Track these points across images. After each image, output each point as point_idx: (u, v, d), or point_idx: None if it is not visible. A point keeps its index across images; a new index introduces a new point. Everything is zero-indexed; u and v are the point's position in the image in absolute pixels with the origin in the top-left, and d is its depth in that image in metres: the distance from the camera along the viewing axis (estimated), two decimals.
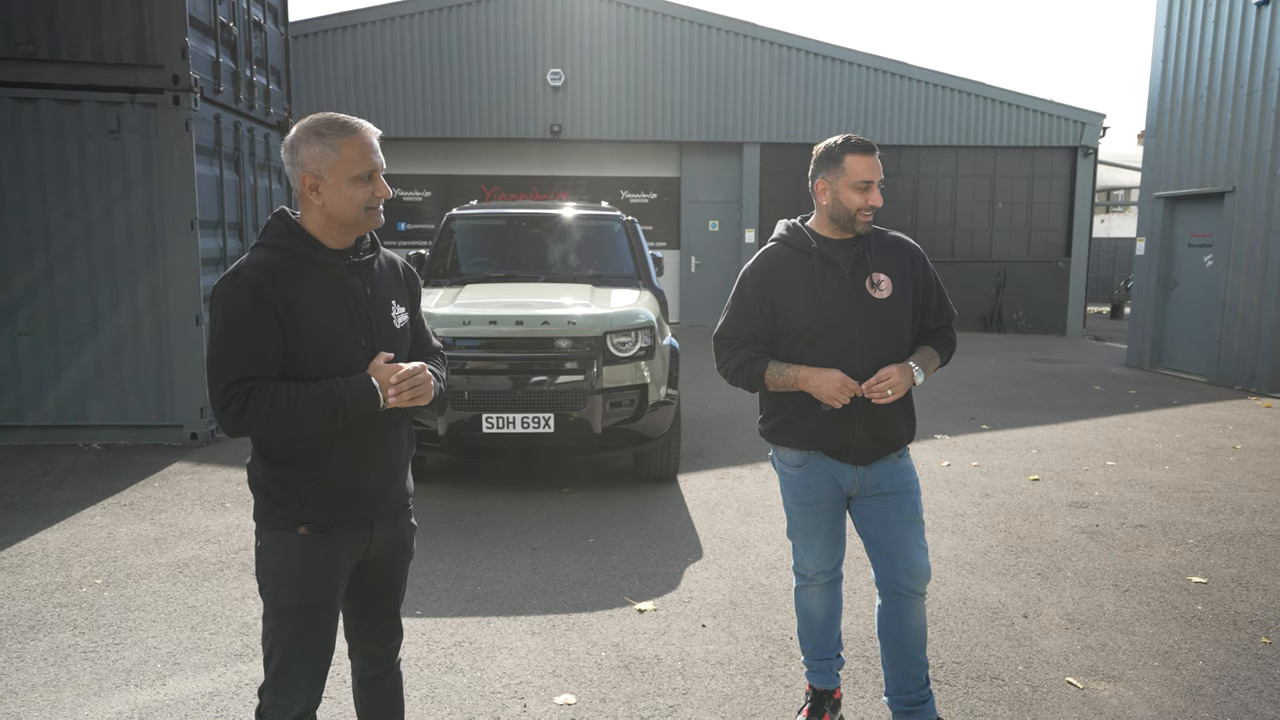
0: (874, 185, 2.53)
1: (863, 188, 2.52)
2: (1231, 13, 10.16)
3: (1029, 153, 15.98)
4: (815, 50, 15.28)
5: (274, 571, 1.93)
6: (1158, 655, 3.39)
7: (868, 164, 2.53)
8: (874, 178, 2.53)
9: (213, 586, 4.01)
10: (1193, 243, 11.01)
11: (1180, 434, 7.40)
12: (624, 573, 4.24)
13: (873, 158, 2.55)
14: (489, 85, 14.96)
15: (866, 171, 2.52)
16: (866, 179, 2.52)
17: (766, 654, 3.39)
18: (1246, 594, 4.00)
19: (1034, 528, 4.92)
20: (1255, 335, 9.76)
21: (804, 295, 2.60)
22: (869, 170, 2.52)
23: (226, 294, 1.84)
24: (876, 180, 2.54)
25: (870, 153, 2.55)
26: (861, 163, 2.52)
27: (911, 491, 2.65)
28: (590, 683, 3.15)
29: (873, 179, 2.53)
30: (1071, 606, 3.85)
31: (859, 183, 2.52)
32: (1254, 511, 5.24)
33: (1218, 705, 3.02)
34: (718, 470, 6.20)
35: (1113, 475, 6.04)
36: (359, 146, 1.89)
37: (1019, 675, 3.22)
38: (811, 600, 2.81)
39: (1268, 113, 9.61)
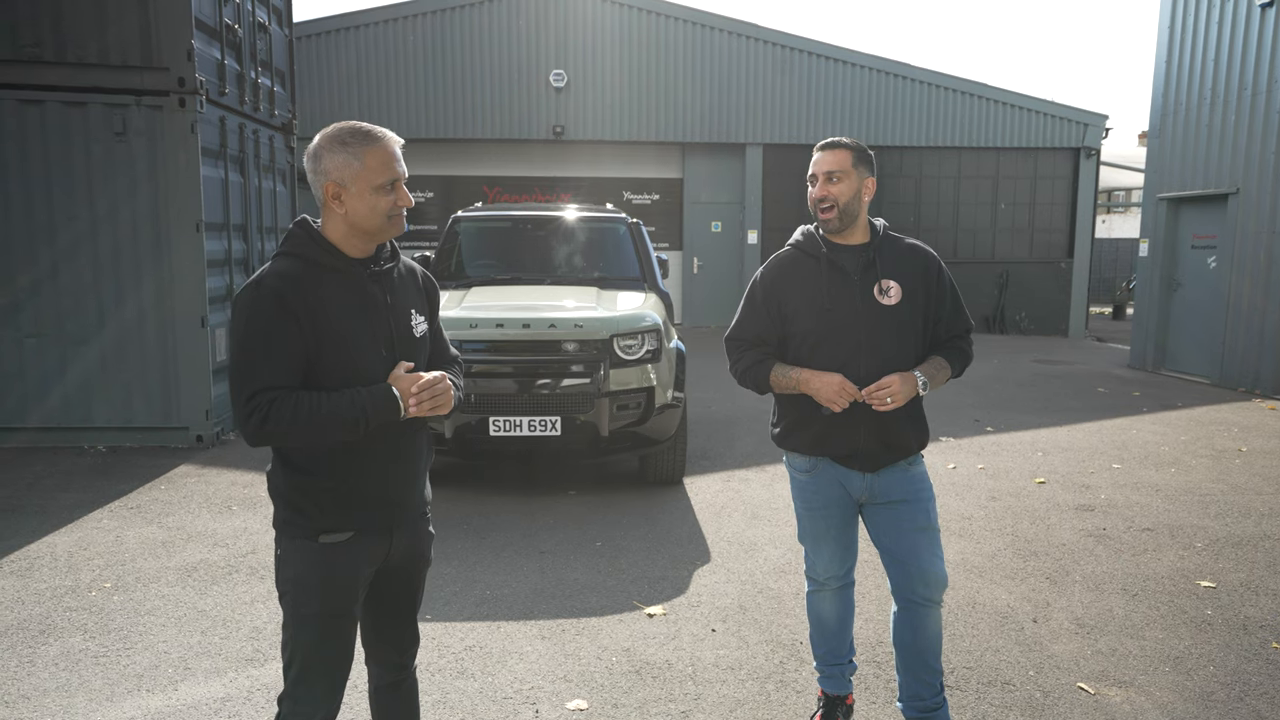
0: (820, 177, 2.53)
1: (811, 181, 2.55)
2: (1235, 14, 10.16)
3: (1031, 154, 15.97)
4: (818, 51, 15.28)
5: (294, 580, 1.93)
6: (1168, 660, 3.39)
7: (819, 158, 2.55)
8: (819, 170, 2.53)
9: (222, 590, 4.01)
10: (1196, 244, 11.01)
11: (1185, 436, 7.40)
12: (632, 576, 4.24)
13: (829, 152, 2.55)
14: (492, 86, 14.96)
15: (814, 165, 2.55)
16: (812, 172, 2.55)
17: (777, 659, 3.39)
18: (1256, 599, 4.00)
19: (1041, 531, 4.92)
20: (1259, 337, 9.76)
21: (809, 299, 2.61)
22: (817, 164, 2.55)
23: (249, 303, 1.84)
24: (823, 172, 2.53)
25: (828, 148, 2.55)
26: (815, 157, 2.56)
27: (924, 499, 2.65)
28: (602, 688, 3.15)
29: (817, 171, 2.54)
30: (1081, 611, 3.85)
31: (810, 176, 2.56)
32: (1261, 515, 5.24)
33: (1230, 711, 3.02)
34: (724, 473, 6.20)
35: (1119, 478, 6.04)
36: (382, 156, 1.89)
37: (1030, 680, 3.22)
38: (823, 605, 2.81)
39: (1271, 114, 9.61)
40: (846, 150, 2.54)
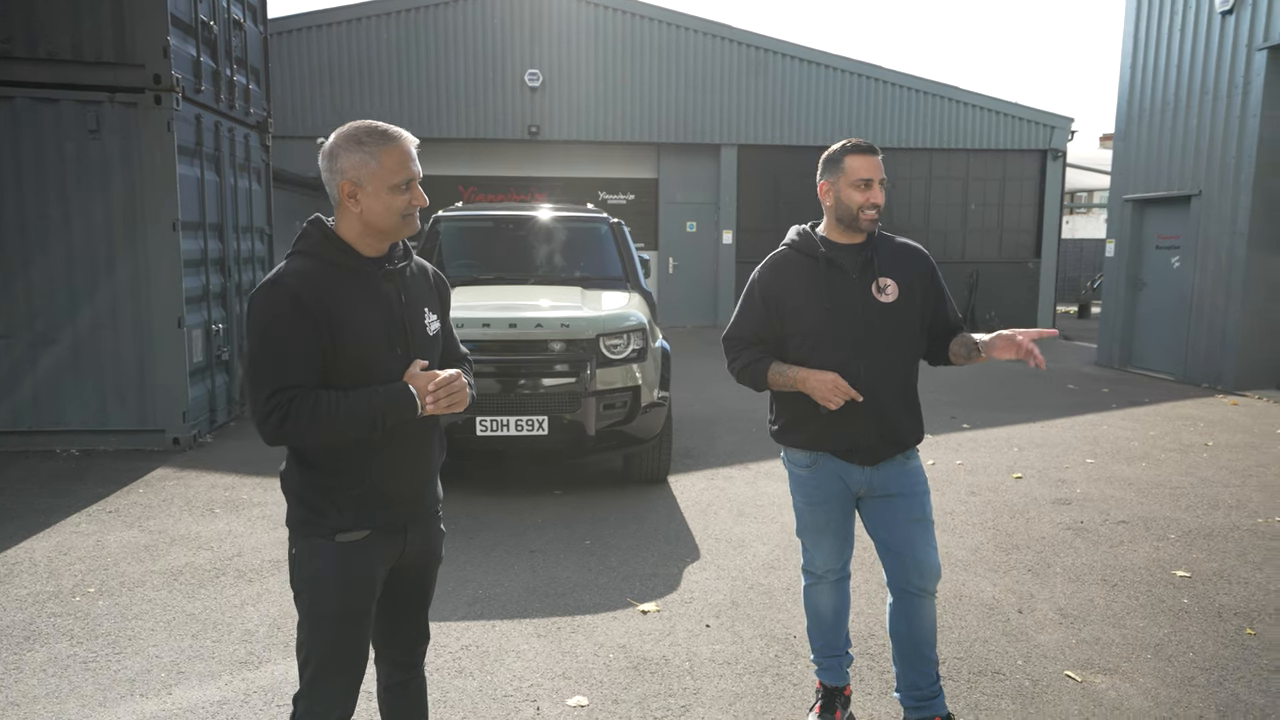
0: (875, 183, 2.58)
1: (862, 185, 2.58)
2: (1197, 21, 10.43)
3: (1000, 155, 16.26)
4: (791, 53, 15.42)
5: (310, 579, 1.93)
6: (1150, 648, 3.49)
7: (867, 163, 2.58)
8: (874, 176, 2.58)
9: (210, 594, 3.97)
10: (1160, 245, 11.28)
11: (1154, 431, 7.59)
12: (624, 574, 4.26)
13: (873, 158, 2.60)
14: (466, 85, 14.90)
15: (865, 170, 2.58)
16: (865, 177, 2.58)
17: (772, 653, 3.44)
18: (1229, 587, 4.13)
19: (1021, 525, 5.03)
20: (1221, 335, 10.03)
21: (809, 298, 2.65)
22: (868, 169, 2.58)
23: (266, 303, 1.83)
24: (877, 179, 2.58)
25: (870, 153, 2.60)
26: (861, 161, 2.58)
27: (920, 492, 2.71)
28: (601, 684, 3.17)
29: (872, 177, 2.58)
30: (1063, 601, 3.94)
31: (858, 180, 2.58)
32: (1229, 507, 5.40)
33: (1210, 695, 3.11)
34: (708, 471, 6.24)
35: (1092, 472, 6.19)
36: (399, 155, 1.89)
37: (1019, 670, 3.30)
38: (821, 598, 2.85)
39: (1232, 118, 9.88)
40: (879, 156, 2.61)
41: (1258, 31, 9.52)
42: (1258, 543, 4.74)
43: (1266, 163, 9.51)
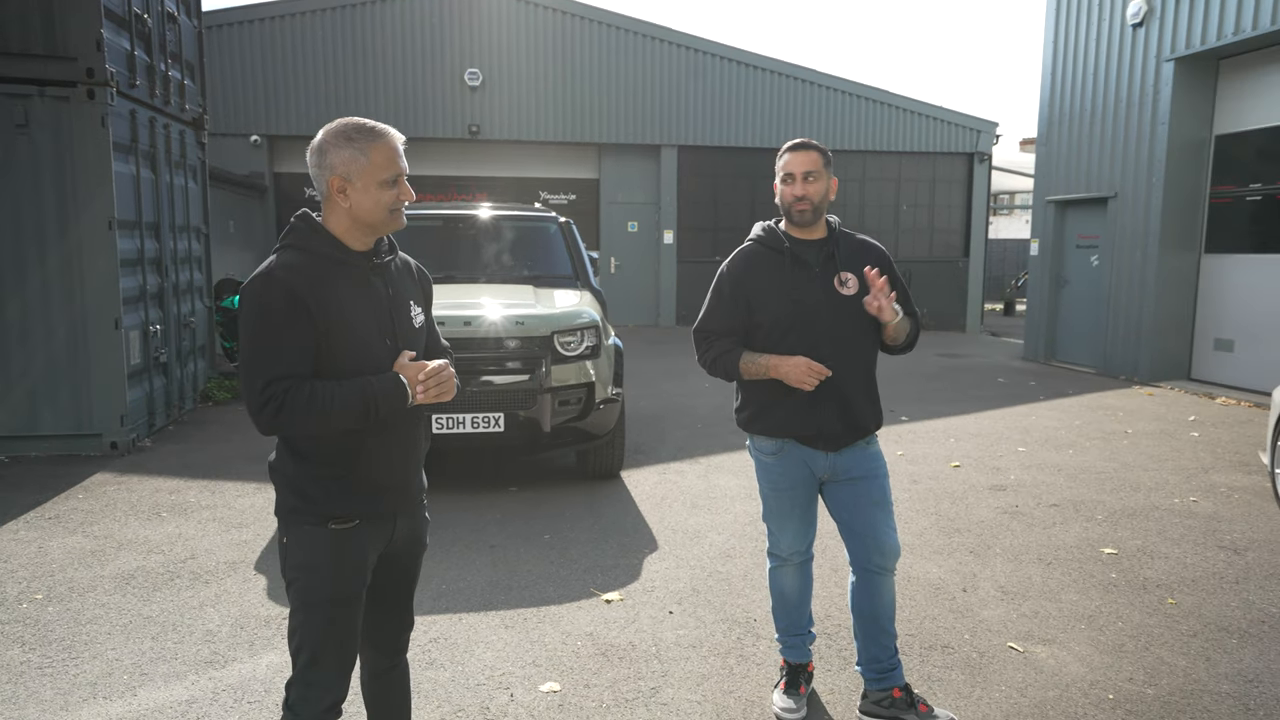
0: (798, 177, 2.72)
1: (787, 180, 2.73)
2: (1111, 33, 11.01)
3: (930, 158, 16.81)
4: (730, 56, 15.67)
5: (303, 566, 1.97)
6: (1083, 619, 3.72)
7: (794, 158, 2.72)
8: (796, 170, 2.72)
9: (166, 597, 3.90)
10: (1080, 244, 11.85)
11: (1079, 421, 8.00)
12: (585, 566, 4.33)
13: (801, 153, 2.73)
14: (404, 83, 14.73)
15: (790, 165, 2.73)
16: (789, 171, 2.72)
17: (734, 636, 3.56)
18: (1151, 562, 4.42)
19: (961, 510, 5.27)
20: (1137, 330, 10.60)
21: (776, 291, 2.78)
22: (793, 164, 2.72)
23: (260, 295, 1.86)
24: (800, 173, 2.71)
25: (800, 150, 2.73)
26: (789, 157, 2.73)
27: (880, 476, 2.86)
28: (571, 670, 3.25)
29: (795, 171, 2.72)
30: (1003, 579, 4.17)
31: (784, 175, 2.73)
32: (1149, 489, 5.75)
33: (1138, 660, 3.35)
34: (659, 465, 6.36)
35: (1024, 460, 6.51)
36: (387, 151, 1.94)
37: (966, 643, 3.49)
38: (786, 580, 2.98)
39: (1144, 125, 10.45)
40: (818, 152, 2.73)
41: (1165, 43, 10.10)
42: (1175, 521, 5.07)
43: (1176, 166, 10.09)
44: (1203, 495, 5.60)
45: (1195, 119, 10.07)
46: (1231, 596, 3.97)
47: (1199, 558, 4.47)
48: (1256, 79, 9.52)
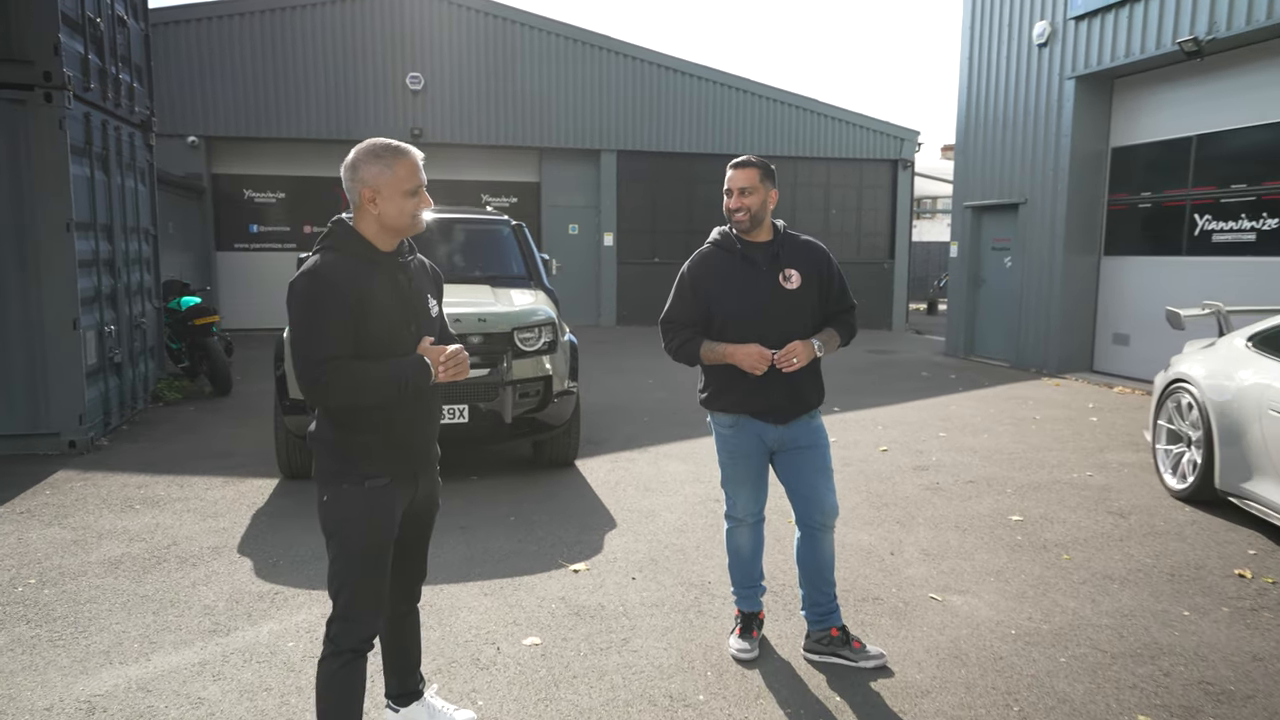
0: (735, 191, 3.17)
1: (729, 194, 3.19)
2: (1019, 52, 11.86)
3: (857, 164, 17.62)
4: (667, 64, 16.17)
5: (343, 519, 2.31)
6: (992, 574, 4.27)
7: (734, 175, 3.18)
8: (734, 186, 3.17)
9: (157, 578, 4.13)
10: (995, 246, 12.70)
11: (993, 409, 8.71)
12: (551, 542, 4.71)
13: (739, 170, 3.18)
14: (347, 86, 14.79)
15: (731, 181, 3.18)
16: (729, 187, 3.18)
17: (692, 596, 3.99)
18: (1051, 526, 5.02)
19: (888, 488, 5.82)
20: (1046, 326, 11.45)
21: (730, 287, 3.22)
22: (733, 180, 3.18)
23: (309, 289, 2.20)
24: (737, 188, 3.17)
25: (739, 167, 3.19)
26: (731, 174, 3.19)
27: (822, 446, 3.32)
28: (549, 627, 3.63)
29: (733, 187, 3.18)
30: (926, 544, 4.70)
31: (726, 189, 3.19)
32: (1052, 466, 6.41)
33: (1036, 603, 3.90)
34: (611, 455, 6.75)
35: (945, 444, 7.13)
36: (410, 166, 2.30)
37: (894, 595, 3.99)
38: (741, 538, 3.42)
39: (1050, 136, 11.32)
40: (755, 169, 3.17)
41: (1067, 62, 10.97)
42: (1073, 493, 5.71)
43: (1077, 175, 10.97)
44: (1097, 470, 6.28)
45: (1094, 132, 10.96)
46: (1115, 552, 4.58)
47: (1091, 521, 5.09)
48: (1147, 97, 10.44)
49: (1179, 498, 5.49)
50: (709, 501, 5.46)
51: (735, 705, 3.03)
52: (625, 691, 3.11)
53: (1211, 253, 9.57)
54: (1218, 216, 9.49)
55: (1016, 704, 3.03)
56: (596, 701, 3.04)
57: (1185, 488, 5.43)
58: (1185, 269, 9.87)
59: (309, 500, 5.44)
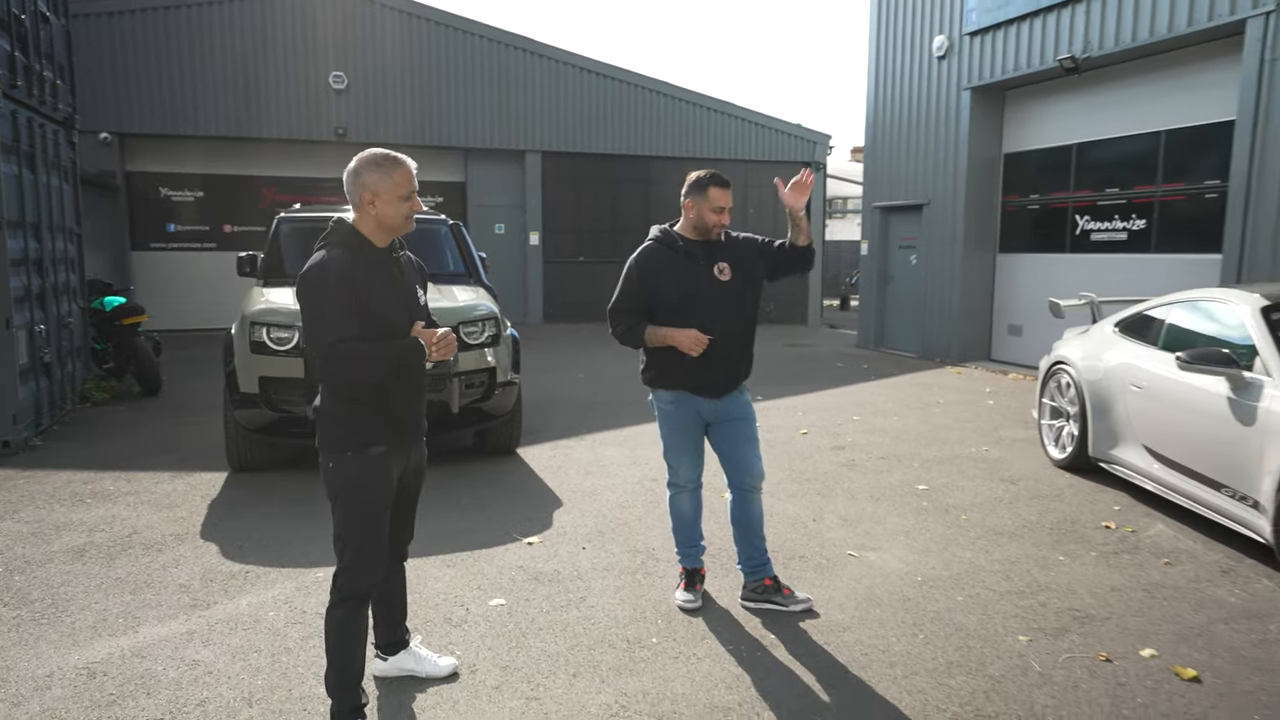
0: (726, 209, 3.63)
1: (718, 210, 3.62)
2: (921, 63, 12.71)
3: (773, 166, 18.31)
4: (590, 68, 16.55)
5: (347, 483, 2.63)
6: (901, 534, 4.83)
7: (724, 194, 3.62)
8: (727, 205, 3.62)
9: (127, 562, 4.30)
10: (902, 245, 13.55)
11: (901, 395, 9.42)
12: (503, 520, 5.05)
13: (727, 191, 3.63)
14: (268, 84, 14.65)
15: (722, 199, 3.62)
16: (721, 205, 3.62)
17: (639, 560, 4.40)
18: (952, 494, 5.63)
19: (809, 465, 6.36)
20: (948, 320, 12.32)
21: (672, 279, 3.64)
22: (724, 199, 3.62)
23: (319, 280, 2.51)
24: (728, 206, 3.63)
25: (727, 186, 3.64)
26: (720, 193, 3.61)
27: (751, 419, 3.78)
28: (511, 590, 3.99)
29: (725, 205, 3.62)
30: (844, 512, 5.24)
31: (717, 207, 3.61)
32: (953, 444, 7.08)
33: (939, 556, 4.46)
34: (550, 443, 7.11)
35: (859, 426, 7.74)
36: (405, 174, 2.64)
37: (817, 553, 4.50)
38: (683, 503, 3.85)
39: (949, 143, 12.18)
40: (730, 188, 3.63)
41: (964, 74, 11.85)
42: (971, 465, 6.37)
43: (974, 179, 11.86)
44: (992, 445, 6.98)
45: (988, 139, 11.87)
46: (1005, 512, 5.21)
47: (985, 488, 5.73)
48: (1034, 108, 11.38)
49: (1060, 466, 6.21)
50: (646, 481, 5.89)
51: (684, 645, 3.45)
52: (587, 638, 3.50)
53: (1091, 250, 10.54)
54: (1095, 217, 10.47)
55: (921, 633, 3.56)
56: (563, 647, 3.42)
57: (1065, 457, 6.15)
58: (1069, 265, 10.83)
59: (262, 491, 5.63)
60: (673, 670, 3.24)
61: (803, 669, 3.26)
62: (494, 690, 3.09)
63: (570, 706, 2.98)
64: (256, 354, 5.74)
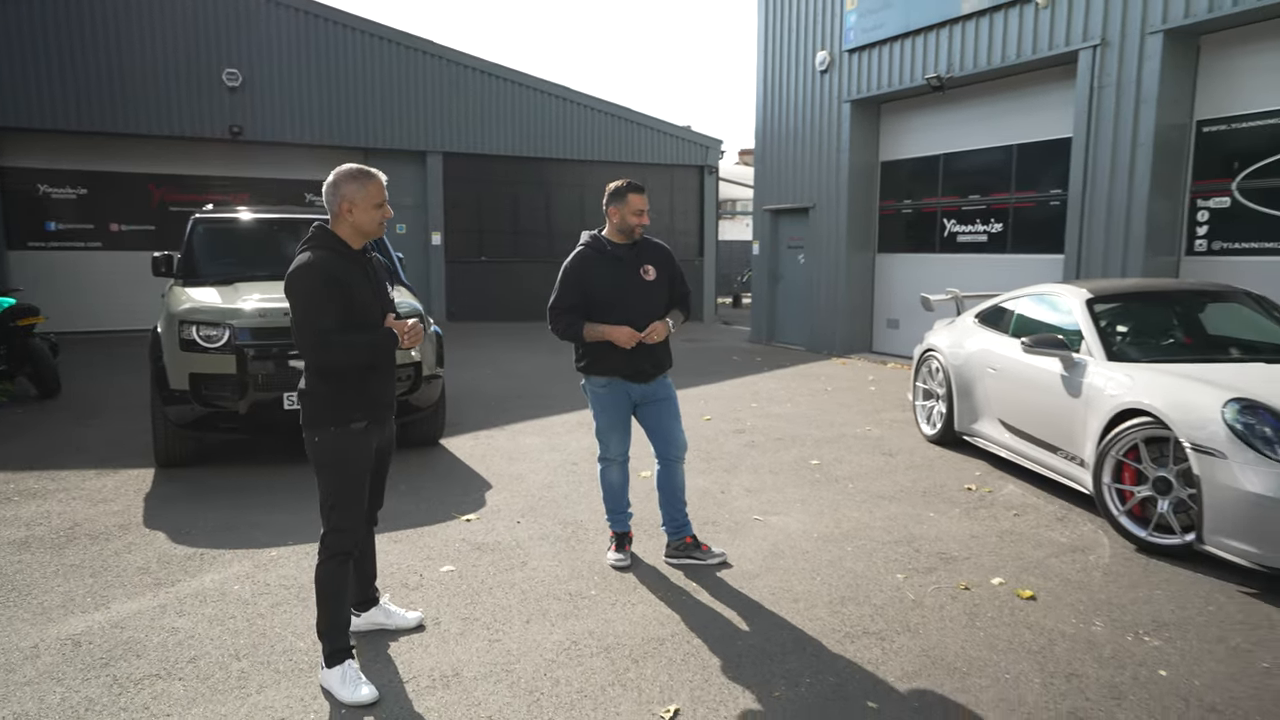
0: (644, 212, 4.16)
1: (638, 213, 4.14)
2: (806, 76, 13.65)
3: (668, 170, 19.10)
4: (490, 71, 16.81)
5: (333, 454, 3.01)
6: (798, 501, 5.49)
7: (640, 199, 4.14)
8: (644, 208, 4.15)
9: (77, 551, 4.46)
10: (791, 245, 14.48)
11: (793, 384, 10.23)
12: (439, 501, 5.43)
13: (643, 196, 4.16)
14: (156, 79, 14.23)
15: (640, 203, 4.14)
16: (640, 208, 4.15)
17: (570, 530, 4.89)
18: (839, 466, 6.37)
19: (714, 446, 6.99)
20: (833, 315, 13.30)
21: (603, 279, 4.15)
22: (641, 203, 4.14)
23: (308, 277, 2.89)
24: (645, 209, 4.16)
25: (642, 192, 4.16)
26: (637, 198, 4.13)
27: (673, 399, 4.34)
28: (458, 558, 4.40)
29: (643, 208, 4.15)
30: (748, 484, 5.88)
31: (636, 210, 4.14)
32: (840, 425, 7.88)
33: (831, 517, 5.14)
34: (470, 434, 7.49)
35: (756, 412, 8.46)
36: (378, 186, 3.05)
37: (727, 519, 5.10)
38: (613, 474, 4.37)
39: (832, 151, 13.15)
40: (645, 194, 4.15)
41: (844, 87, 12.83)
42: (856, 442, 7.15)
43: (855, 185, 12.86)
44: (874, 426, 7.81)
45: (867, 148, 12.90)
46: (887, 480, 5.97)
47: (869, 461, 6.50)
48: (907, 120, 12.46)
49: (931, 441, 7.06)
50: (567, 465, 6.37)
51: (620, 595, 3.97)
52: (534, 593, 3.97)
53: (957, 250, 11.68)
54: (960, 221, 11.61)
55: (818, 576, 4.20)
56: (513, 601, 3.88)
57: (935, 433, 7.00)
58: (938, 264, 11.95)
59: (195, 484, 5.80)
60: (612, 614, 3.75)
61: (723, 607, 3.84)
62: (459, 636, 3.52)
63: (528, 644, 3.44)
64: (187, 351, 5.90)
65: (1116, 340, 5.42)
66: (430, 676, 3.19)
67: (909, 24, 11.46)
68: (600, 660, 3.32)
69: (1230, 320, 5.77)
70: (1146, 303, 5.99)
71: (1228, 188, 8.52)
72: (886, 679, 3.19)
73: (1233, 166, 8.47)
